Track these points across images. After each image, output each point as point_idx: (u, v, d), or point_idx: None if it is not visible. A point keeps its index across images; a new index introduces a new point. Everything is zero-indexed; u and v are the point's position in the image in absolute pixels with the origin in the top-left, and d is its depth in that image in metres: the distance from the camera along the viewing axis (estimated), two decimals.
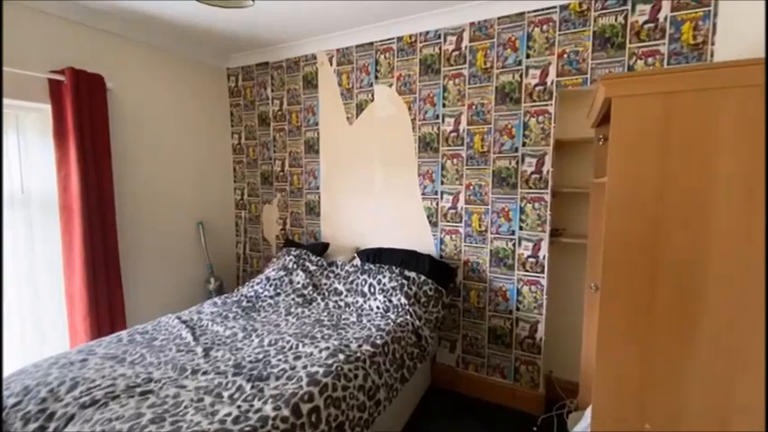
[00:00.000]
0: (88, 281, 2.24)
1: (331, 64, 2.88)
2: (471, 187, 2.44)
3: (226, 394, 1.40)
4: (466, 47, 2.41)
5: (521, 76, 2.28)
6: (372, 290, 2.30)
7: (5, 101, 2.09)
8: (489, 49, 2.34)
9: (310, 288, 2.49)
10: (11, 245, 2.19)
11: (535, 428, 2.18)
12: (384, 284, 2.29)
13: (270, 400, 1.34)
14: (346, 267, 2.59)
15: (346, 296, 2.38)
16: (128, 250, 2.61)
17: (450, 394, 2.54)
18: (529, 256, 2.32)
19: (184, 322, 2.06)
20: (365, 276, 2.39)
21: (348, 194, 2.92)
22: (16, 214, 2.21)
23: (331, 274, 2.58)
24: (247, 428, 1.20)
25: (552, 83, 2.20)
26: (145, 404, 1.33)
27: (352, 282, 2.43)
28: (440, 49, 2.48)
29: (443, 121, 2.50)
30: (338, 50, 2.84)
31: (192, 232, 3.13)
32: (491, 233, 2.41)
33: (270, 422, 1.24)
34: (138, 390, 1.42)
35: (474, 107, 2.40)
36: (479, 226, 2.43)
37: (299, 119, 3.07)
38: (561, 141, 2.25)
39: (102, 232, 2.34)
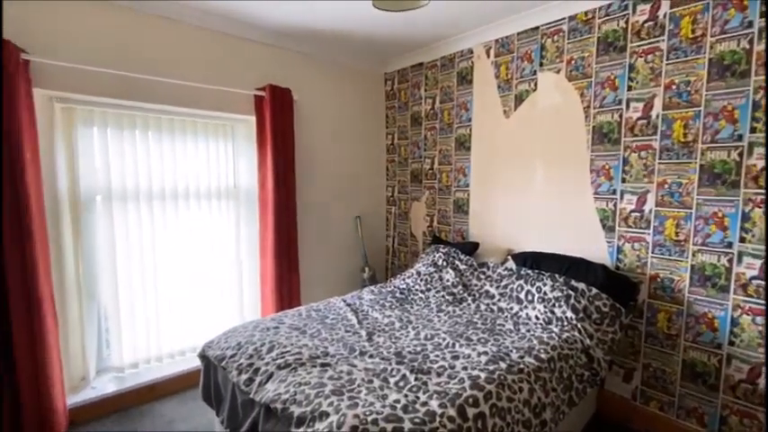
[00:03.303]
0: (276, 262, 2.69)
1: (488, 56, 2.75)
2: (666, 186, 1.99)
3: (392, 380, 1.47)
4: (665, 14, 1.97)
5: (750, 41, 1.75)
6: (530, 297, 2.11)
7: (227, 115, 2.66)
8: (701, 12, 1.87)
9: (460, 287, 2.44)
10: (225, 228, 2.79)
11: None
12: (545, 293, 2.07)
13: (435, 396, 1.34)
14: (499, 270, 2.44)
15: (499, 300, 2.24)
16: (302, 238, 3.03)
17: (622, 430, 2.15)
18: (754, 278, 1.77)
19: (349, 305, 2.27)
20: (521, 282, 2.21)
21: (501, 193, 2.76)
22: (230, 204, 2.80)
23: (482, 276, 2.48)
24: (417, 420, 1.21)
25: None
26: (325, 375, 1.49)
27: (505, 286, 2.28)
28: (626, 22, 2.10)
29: (628, 106, 2.11)
30: (496, 41, 2.70)
31: (351, 225, 3.45)
32: (694, 244, 1.92)
33: (437, 419, 1.23)
34: (319, 361, 1.61)
35: (674, 87, 1.95)
36: (676, 234, 1.97)
37: (450, 116, 3.05)
38: None
39: (286, 222, 2.78)
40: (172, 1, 2.29)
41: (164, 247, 2.51)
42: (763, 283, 1.74)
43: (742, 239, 1.78)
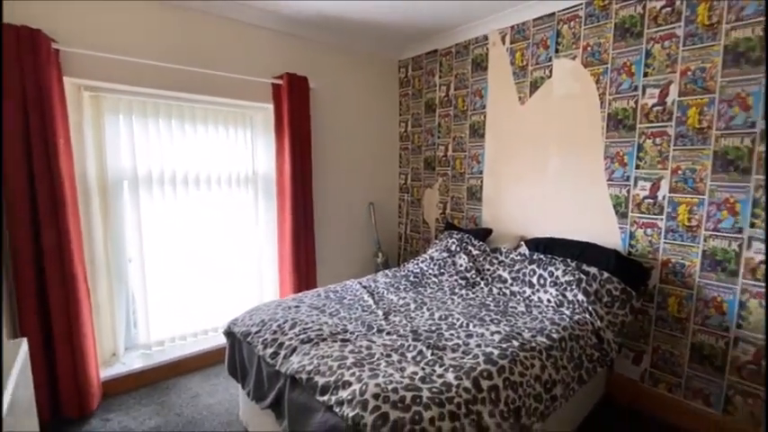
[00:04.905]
0: (294, 245, 2.78)
1: (503, 43, 2.77)
2: (679, 172, 2.02)
3: (409, 355, 1.55)
4: (682, 1, 1.97)
5: (765, 29, 1.74)
6: (542, 282, 2.17)
7: (246, 103, 2.72)
8: None
9: (473, 272, 2.50)
10: (245, 213, 2.88)
11: None
12: (557, 277, 2.12)
13: (450, 369, 1.42)
14: (512, 255, 2.50)
15: (512, 285, 2.30)
16: (318, 223, 3.12)
17: (630, 411, 2.22)
18: (763, 262, 1.80)
19: (365, 287, 2.35)
20: (534, 267, 2.26)
21: (514, 179, 2.80)
22: (249, 190, 2.89)
23: (495, 261, 2.54)
24: (435, 389, 1.29)
25: None
26: (346, 349, 1.58)
27: (518, 271, 2.34)
28: (644, 8, 2.10)
29: (644, 93, 2.12)
30: (512, 27, 2.70)
31: (365, 211, 3.52)
32: (705, 230, 1.95)
33: (453, 389, 1.31)
34: (339, 337, 1.70)
35: (690, 73, 1.96)
36: (688, 220, 2.01)
37: (465, 103, 3.08)
38: None
39: (303, 207, 2.86)
40: None
41: (186, 231, 2.61)
42: None
43: (752, 225, 1.81)
